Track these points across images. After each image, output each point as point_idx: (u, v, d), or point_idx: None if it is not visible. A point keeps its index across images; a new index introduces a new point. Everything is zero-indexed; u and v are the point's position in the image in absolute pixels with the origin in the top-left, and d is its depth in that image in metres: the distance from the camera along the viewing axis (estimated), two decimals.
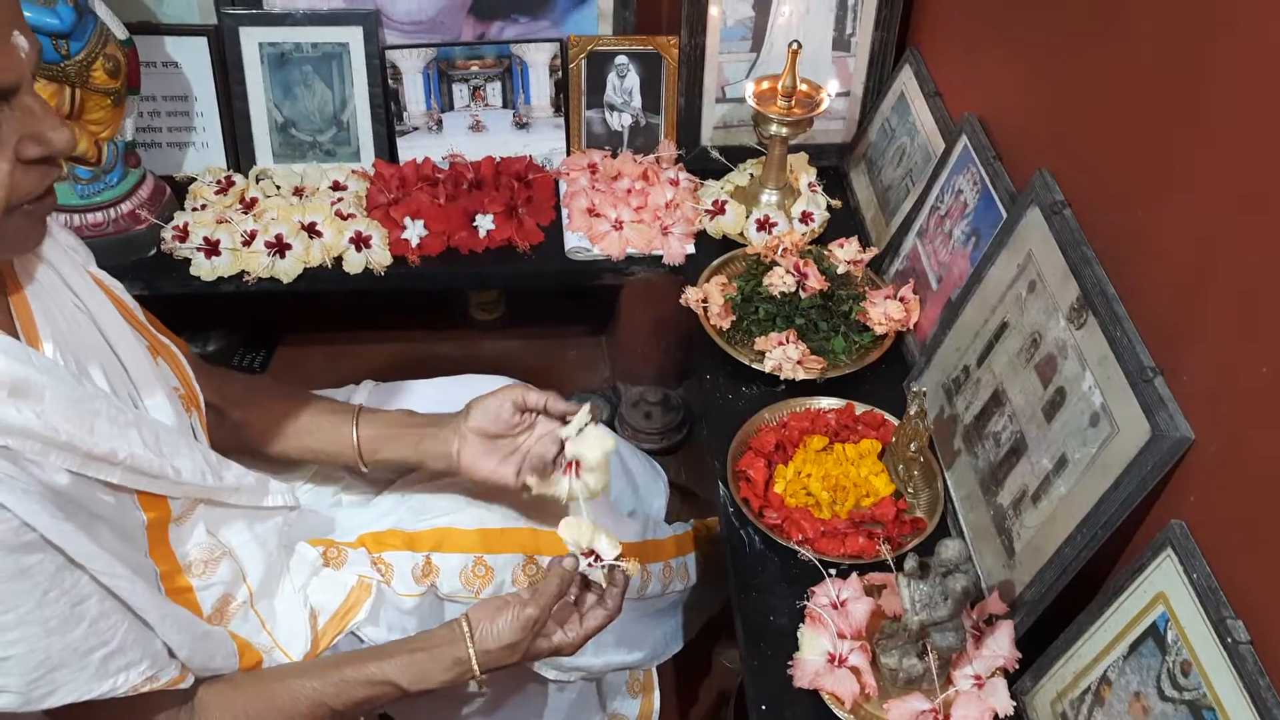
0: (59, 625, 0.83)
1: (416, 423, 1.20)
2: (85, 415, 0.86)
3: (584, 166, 1.70)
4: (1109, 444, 1.01)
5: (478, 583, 1.16)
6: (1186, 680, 0.88)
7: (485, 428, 1.15)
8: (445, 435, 1.16)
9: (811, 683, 1.08)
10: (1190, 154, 0.96)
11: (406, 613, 1.14)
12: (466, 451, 1.15)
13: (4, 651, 0.81)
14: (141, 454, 0.91)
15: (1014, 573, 1.11)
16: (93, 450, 0.86)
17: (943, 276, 1.41)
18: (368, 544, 1.16)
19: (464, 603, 1.17)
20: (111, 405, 0.91)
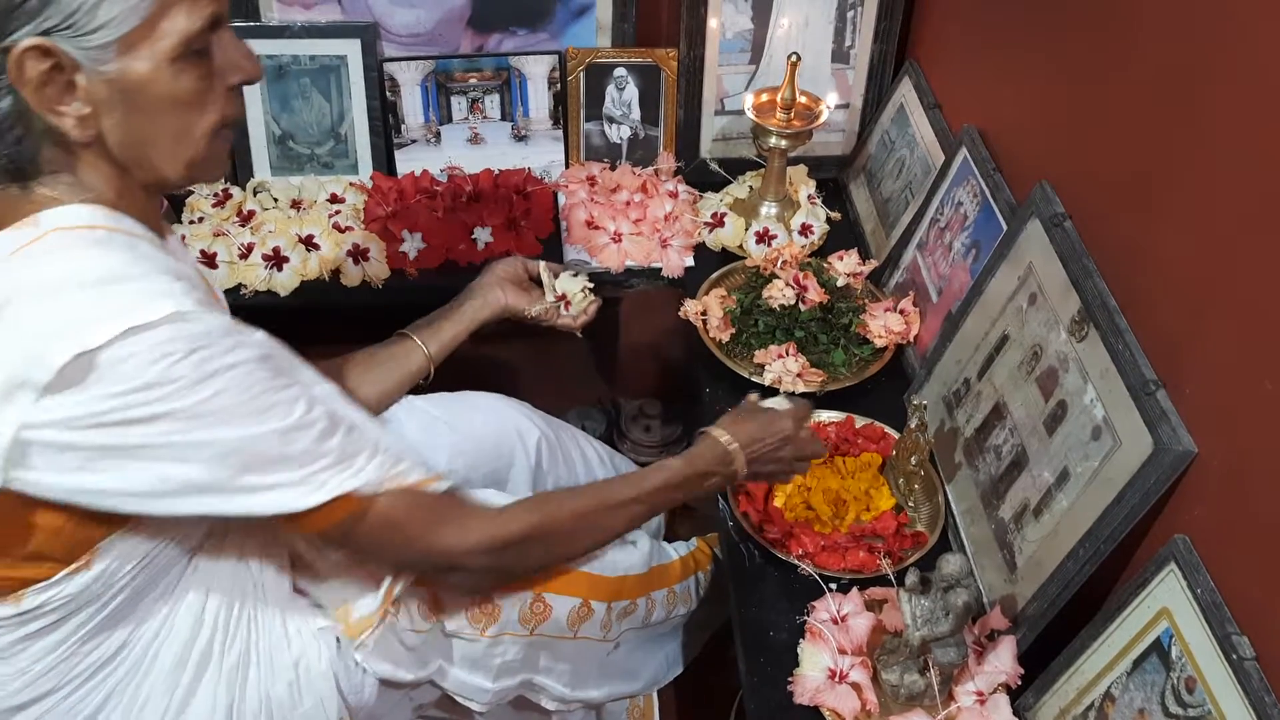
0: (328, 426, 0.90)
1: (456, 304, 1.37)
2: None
3: (583, 179, 1.69)
4: (1111, 457, 1.00)
5: (483, 620, 1.15)
6: (1191, 697, 0.87)
7: (508, 276, 1.39)
8: (486, 292, 1.38)
9: (812, 699, 1.06)
10: (1192, 166, 0.96)
11: (411, 649, 1.13)
12: (509, 291, 1.39)
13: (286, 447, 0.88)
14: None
15: (1016, 587, 1.10)
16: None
17: (943, 289, 1.41)
18: None
19: (469, 640, 1.16)
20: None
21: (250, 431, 0.85)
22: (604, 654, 1.27)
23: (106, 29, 0.79)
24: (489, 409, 1.39)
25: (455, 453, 1.35)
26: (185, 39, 0.82)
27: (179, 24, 0.82)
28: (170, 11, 0.81)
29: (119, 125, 0.84)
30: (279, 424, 0.86)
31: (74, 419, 0.79)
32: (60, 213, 0.84)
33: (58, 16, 0.77)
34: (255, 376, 0.85)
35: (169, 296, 0.81)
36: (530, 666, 1.22)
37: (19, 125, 0.82)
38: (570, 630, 1.20)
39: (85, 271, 0.81)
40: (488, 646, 1.17)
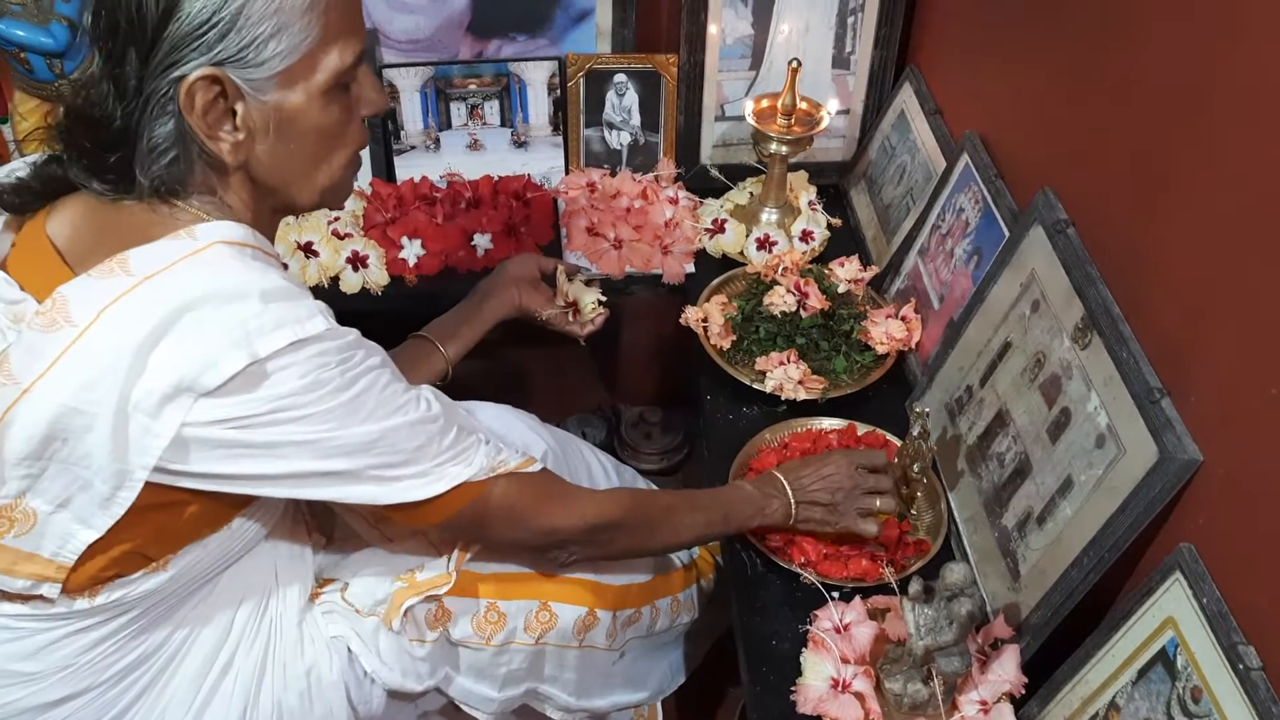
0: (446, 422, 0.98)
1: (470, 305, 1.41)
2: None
3: (583, 185, 1.69)
4: (1115, 465, 0.99)
5: (489, 629, 1.15)
6: (1197, 707, 0.87)
7: (523, 275, 1.43)
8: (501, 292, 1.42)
9: (815, 709, 1.06)
10: (1195, 173, 0.96)
11: (419, 659, 1.13)
12: (524, 290, 1.43)
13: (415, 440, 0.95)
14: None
15: (1019, 596, 1.10)
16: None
17: (944, 296, 1.40)
18: None
19: (475, 649, 1.16)
20: None
21: (387, 424, 0.91)
22: (609, 663, 1.27)
23: (272, 62, 0.85)
24: (495, 421, 1.39)
25: None
26: (338, 74, 0.89)
27: (333, 60, 0.88)
28: (329, 48, 0.88)
29: (269, 151, 0.90)
30: (408, 418, 0.93)
31: (235, 419, 0.84)
32: (217, 228, 0.89)
33: (232, 48, 0.83)
34: (384, 378, 0.92)
35: (322, 314, 0.87)
36: (536, 675, 1.22)
37: (176, 147, 0.87)
38: (576, 639, 1.20)
39: (254, 284, 0.85)
40: (494, 655, 1.17)
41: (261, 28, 0.83)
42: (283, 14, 0.84)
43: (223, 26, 0.82)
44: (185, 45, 0.82)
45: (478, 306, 1.41)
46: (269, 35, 0.83)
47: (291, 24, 0.84)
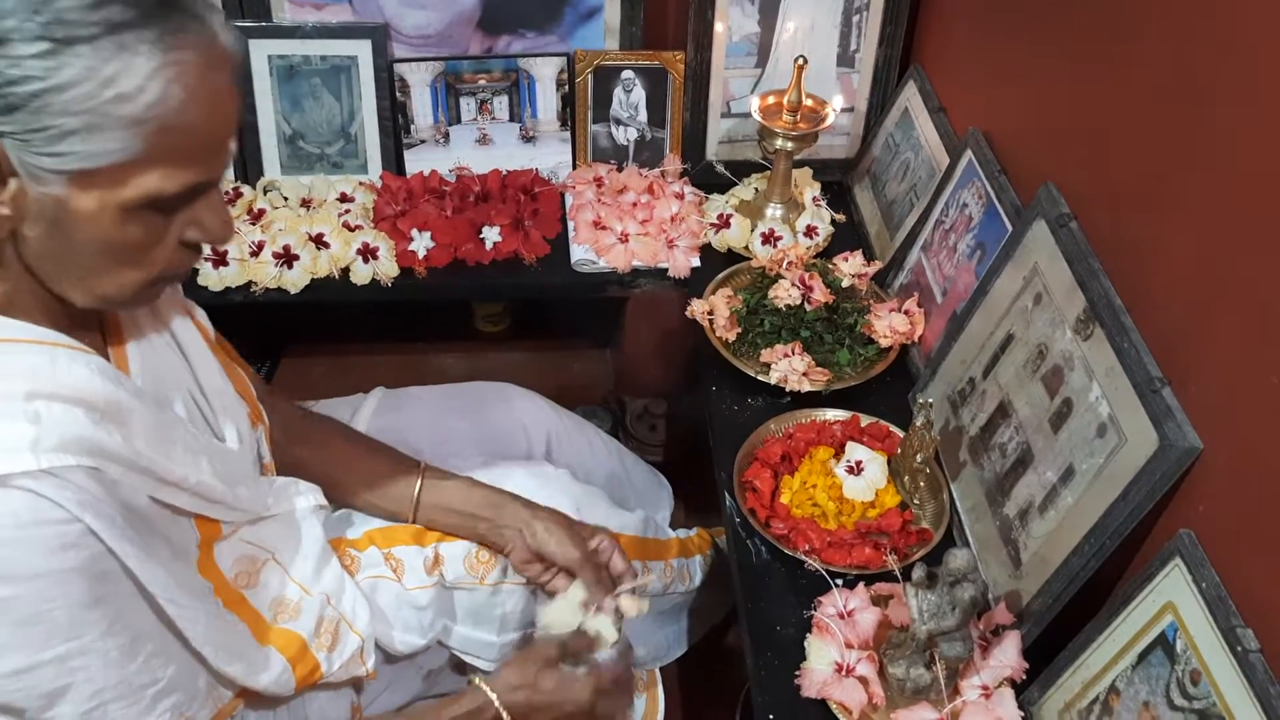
0: (118, 658, 0.83)
1: (478, 505, 1.19)
2: (165, 441, 0.87)
3: (590, 180, 1.71)
4: (1117, 454, 1.01)
5: (481, 569, 1.18)
6: (1196, 689, 0.88)
7: (544, 553, 1.17)
8: (505, 535, 1.18)
9: (819, 692, 1.07)
10: (1196, 164, 0.97)
11: (422, 609, 1.15)
12: (517, 555, 1.18)
13: (63, 680, 0.81)
14: (209, 481, 0.93)
15: (1021, 583, 1.11)
16: (167, 476, 0.87)
17: (947, 290, 1.42)
18: (377, 541, 1.17)
19: (469, 589, 1.19)
20: (187, 432, 0.93)
21: (34, 659, 0.78)
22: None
23: (66, 158, 0.72)
24: (500, 399, 1.41)
25: (467, 442, 1.36)
26: (150, 198, 0.76)
27: (150, 182, 0.75)
28: (149, 169, 0.75)
29: (38, 239, 0.77)
30: (66, 647, 0.79)
31: None
32: None
33: (18, 127, 0.71)
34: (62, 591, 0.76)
35: (9, 450, 0.73)
36: (529, 619, 1.24)
37: None
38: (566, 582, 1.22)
39: None
40: (489, 596, 1.19)
41: (62, 121, 0.70)
42: (96, 115, 0.71)
43: (12, 101, 0.70)
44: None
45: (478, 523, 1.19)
46: (70, 131, 0.71)
47: (105, 130, 0.71)
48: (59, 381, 0.79)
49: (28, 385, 0.77)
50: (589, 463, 1.43)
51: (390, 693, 1.24)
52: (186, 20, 0.74)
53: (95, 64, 0.70)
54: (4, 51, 0.69)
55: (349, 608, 1.11)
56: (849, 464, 1.29)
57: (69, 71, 0.70)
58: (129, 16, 0.71)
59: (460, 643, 1.23)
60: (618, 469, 1.47)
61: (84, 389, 0.80)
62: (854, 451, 1.30)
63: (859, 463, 1.29)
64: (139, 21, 0.71)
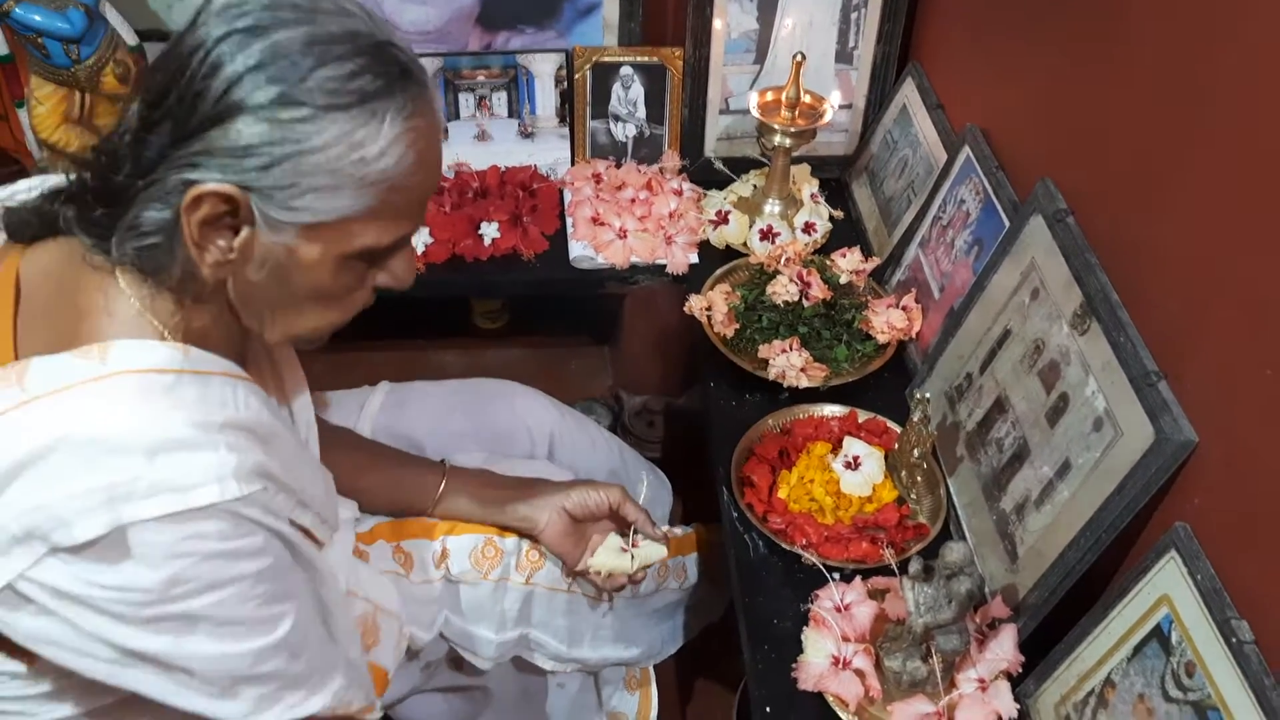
0: (299, 645, 0.89)
1: (505, 484, 1.23)
2: (297, 462, 0.91)
3: (588, 176, 1.71)
4: (1113, 448, 1.01)
5: (486, 563, 1.19)
6: (1191, 681, 0.89)
7: (578, 514, 1.21)
8: (539, 504, 1.21)
9: (816, 685, 1.08)
10: (1192, 160, 0.98)
11: (429, 603, 1.16)
12: (553, 527, 1.20)
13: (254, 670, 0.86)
14: (322, 499, 0.97)
15: (1017, 577, 1.12)
16: (303, 496, 0.91)
17: (945, 286, 1.42)
18: (385, 535, 1.18)
19: (473, 584, 1.20)
20: (304, 451, 0.98)
21: (231, 649, 0.84)
22: (599, 614, 1.30)
23: (304, 213, 0.78)
24: (503, 396, 1.42)
25: (471, 439, 1.37)
26: (368, 250, 0.82)
27: (370, 236, 0.81)
28: (371, 223, 0.80)
29: (252, 281, 0.82)
30: (260, 643, 0.85)
31: (71, 593, 0.76)
32: (131, 352, 0.79)
33: (267, 183, 0.76)
34: (256, 590, 0.83)
35: (216, 480, 0.77)
36: (526, 620, 1.25)
37: (161, 235, 0.78)
38: (564, 582, 1.25)
39: (146, 433, 0.75)
40: (491, 592, 1.21)
41: (310, 179, 0.76)
42: (339, 176, 0.76)
43: (268, 161, 0.75)
44: (220, 155, 0.75)
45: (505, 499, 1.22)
46: (314, 189, 0.76)
47: (344, 188, 0.77)
48: (240, 412, 0.83)
49: (223, 416, 0.81)
50: (590, 459, 1.44)
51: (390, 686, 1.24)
52: (421, 90, 0.80)
53: (348, 129, 0.76)
54: (269, 115, 0.74)
55: (377, 594, 1.13)
56: (846, 459, 1.29)
57: (324, 136, 0.75)
58: (378, 86, 0.77)
59: (460, 637, 1.23)
60: (618, 465, 1.47)
61: (257, 418, 0.85)
62: (851, 447, 1.31)
63: (856, 458, 1.29)
64: (386, 91, 0.77)
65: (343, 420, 1.32)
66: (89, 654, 0.80)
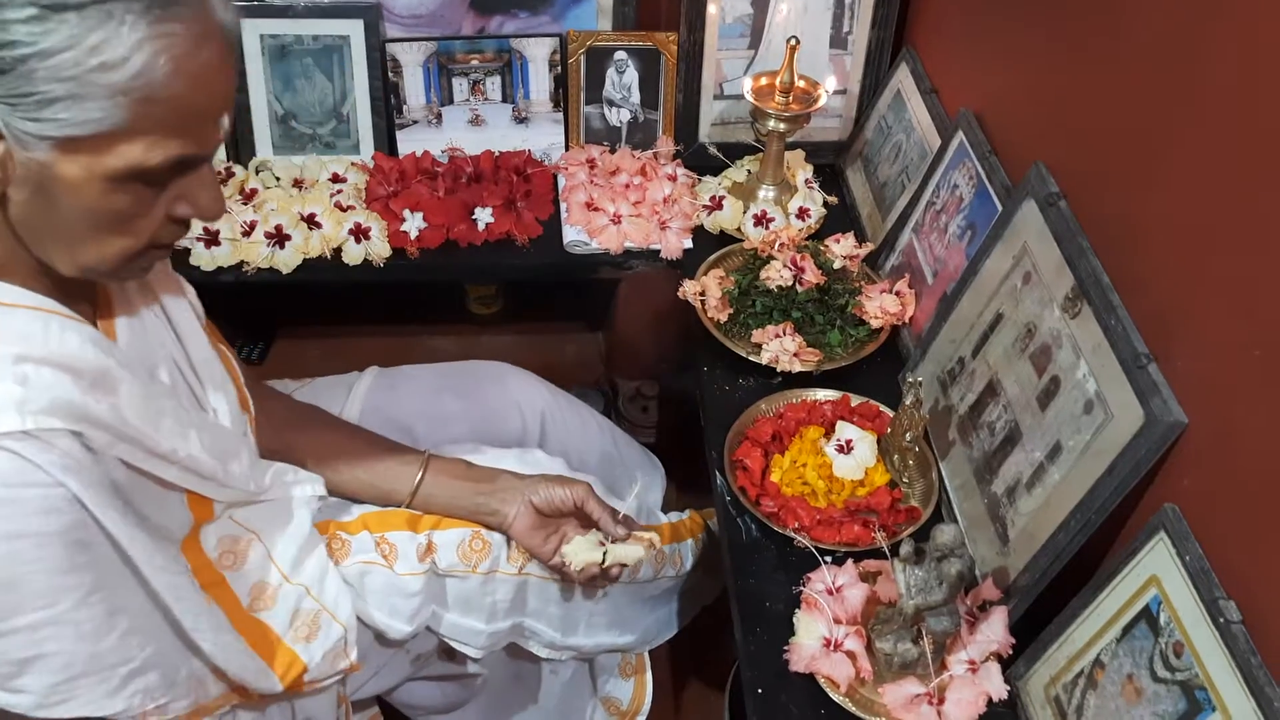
0: (91, 631, 0.83)
1: (476, 476, 1.22)
2: (153, 413, 0.88)
3: (582, 161, 1.71)
4: (1103, 430, 1.02)
5: (475, 557, 1.18)
6: (1179, 661, 0.89)
7: (544, 509, 1.20)
8: (506, 498, 1.20)
9: (807, 666, 1.08)
10: (1183, 144, 0.98)
11: (412, 595, 1.15)
12: (520, 521, 1.20)
13: (33, 650, 0.81)
14: (200, 455, 0.93)
15: (1008, 560, 1.12)
16: (155, 447, 0.87)
17: (938, 271, 1.43)
18: (370, 525, 1.16)
19: (461, 577, 1.19)
20: (177, 405, 0.93)
21: (7, 624, 0.78)
22: (592, 601, 1.30)
23: (51, 124, 0.72)
24: (495, 378, 1.42)
25: (462, 422, 1.37)
26: (136, 169, 0.76)
27: (135, 152, 0.75)
28: (135, 138, 0.75)
29: (23, 204, 0.77)
30: (35, 615, 0.79)
31: None
32: None
33: (2, 89, 0.71)
34: (41, 553, 0.77)
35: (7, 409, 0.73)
36: (520, 609, 1.25)
37: None
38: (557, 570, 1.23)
39: None
40: (480, 584, 1.20)
41: (49, 87, 0.71)
42: (80, 84, 0.71)
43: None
44: None
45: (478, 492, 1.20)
46: (55, 98, 0.71)
47: (90, 98, 0.72)
48: (49, 347, 0.79)
49: (17, 348, 0.77)
50: (582, 443, 1.44)
51: (378, 677, 1.25)
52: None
53: (81, 32, 0.70)
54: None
55: (331, 598, 1.10)
56: (839, 443, 1.30)
57: (55, 38, 0.70)
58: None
59: (449, 630, 1.23)
60: (611, 449, 1.47)
61: (74, 356, 0.81)
62: (844, 431, 1.31)
63: (849, 441, 1.30)
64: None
65: (331, 404, 1.31)
66: None
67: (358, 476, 1.20)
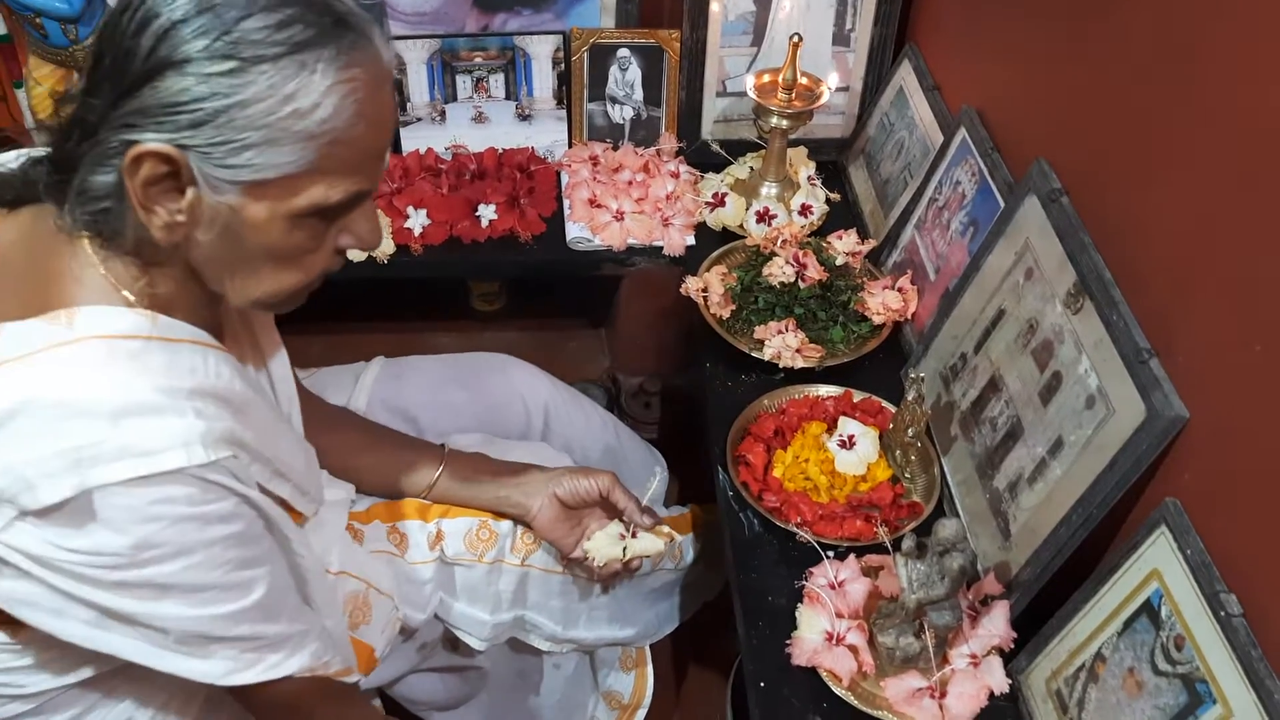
0: (274, 610, 0.90)
1: (497, 470, 1.24)
2: (272, 430, 0.92)
3: (586, 158, 1.71)
4: (1105, 425, 1.02)
5: (481, 546, 1.20)
6: (1180, 654, 0.90)
7: (569, 501, 1.22)
8: (530, 490, 1.21)
9: (810, 660, 1.09)
10: (1185, 139, 0.98)
11: (423, 583, 1.17)
12: (544, 514, 1.21)
13: (229, 629, 0.87)
14: (303, 471, 0.98)
15: (1010, 554, 1.13)
16: (279, 465, 0.92)
17: (940, 267, 1.43)
18: (380, 515, 1.19)
19: (467, 566, 1.20)
20: (284, 423, 0.98)
21: (205, 613, 0.84)
22: (592, 594, 1.31)
23: (244, 170, 0.76)
24: (499, 369, 1.43)
25: (466, 413, 1.38)
26: (318, 207, 0.80)
27: (318, 193, 0.79)
28: (318, 179, 0.79)
29: (208, 244, 0.81)
30: (233, 606, 0.86)
31: (43, 557, 0.77)
32: (98, 318, 0.80)
33: (202, 140, 0.75)
34: (227, 555, 0.84)
35: (183, 445, 0.78)
36: (522, 601, 1.26)
37: (111, 200, 0.79)
38: (559, 564, 1.26)
39: (111, 398, 0.76)
40: (486, 574, 1.22)
41: (245, 135, 0.75)
42: (274, 130, 0.75)
43: (199, 116, 0.74)
44: (153, 114, 0.74)
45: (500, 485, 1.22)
46: (250, 145, 0.75)
47: (282, 143, 0.76)
48: (211, 379, 0.84)
49: (190, 383, 0.81)
50: (585, 436, 1.45)
51: (384, 665, 1.25)
52: (358, 39, 0.77)
53: (277, 81, 0.74)
54: (196, 70, 0.73)
55: (371, 573, 1.14)
56: (841, 438, 1.30)
57: (253, 89, 0.74)
58: (308, 36, 0.75)
59: (456, 619, 1.24)
60: (613, 443, 1.48)
61: (228, 386, 0.86)
62: (846, 426, 1.31)
63: (851, 437, 1.30)
64: (317, 41, 0.75)
65: (338, 393, 1.32)
66: (66, 615, 0.81)
67: (379, 474, 1.23)
